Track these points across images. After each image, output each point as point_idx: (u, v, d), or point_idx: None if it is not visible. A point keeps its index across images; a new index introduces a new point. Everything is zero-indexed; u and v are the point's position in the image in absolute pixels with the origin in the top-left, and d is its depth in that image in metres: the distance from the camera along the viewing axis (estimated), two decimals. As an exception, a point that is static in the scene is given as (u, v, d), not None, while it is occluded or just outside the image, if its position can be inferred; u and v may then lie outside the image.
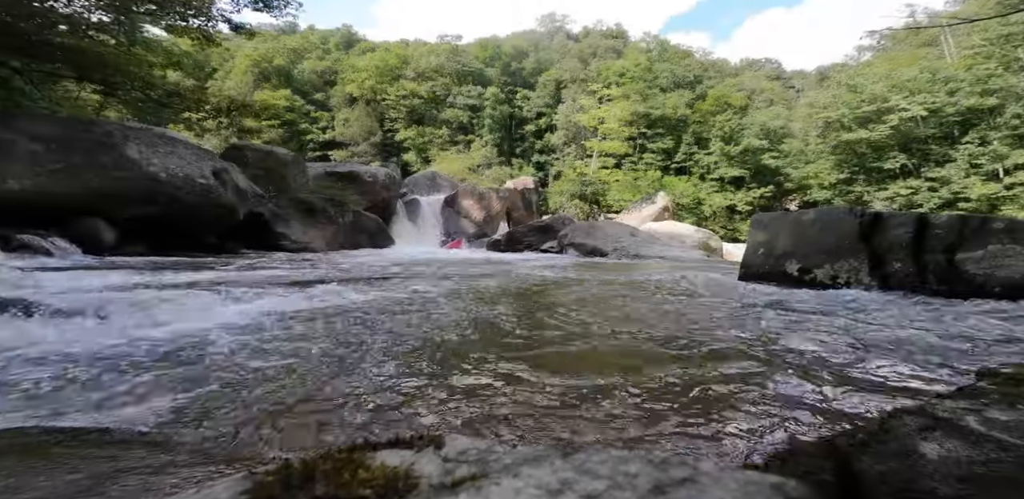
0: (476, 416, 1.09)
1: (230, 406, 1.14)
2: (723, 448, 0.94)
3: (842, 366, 1.50)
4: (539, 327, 2.17)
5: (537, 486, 0.25)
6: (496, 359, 1.55)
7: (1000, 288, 2.99)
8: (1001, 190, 20.70)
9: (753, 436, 0.98)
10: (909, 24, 21.25)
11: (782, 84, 47.55)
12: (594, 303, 3.04)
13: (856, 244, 3.66)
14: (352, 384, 1.30)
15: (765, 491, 0.23)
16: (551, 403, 1.16)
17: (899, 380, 1.36)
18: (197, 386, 1.28)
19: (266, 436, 0.97)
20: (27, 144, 6.26)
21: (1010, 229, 3.16)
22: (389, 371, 1.42)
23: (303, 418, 1.08)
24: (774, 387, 1.30)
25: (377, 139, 39.37)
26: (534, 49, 50.05)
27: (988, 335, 1.98)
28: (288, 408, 1.13)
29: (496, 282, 4.27)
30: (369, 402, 1.16)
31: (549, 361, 1.56)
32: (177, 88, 9.65)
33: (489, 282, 4.25)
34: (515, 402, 1.17)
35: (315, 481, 0.30)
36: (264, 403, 1.16)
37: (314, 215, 11.61)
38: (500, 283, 4.20)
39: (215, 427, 1.01)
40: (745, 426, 1.03)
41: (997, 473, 0.48)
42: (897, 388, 1.28)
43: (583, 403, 1.16)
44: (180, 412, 1.11)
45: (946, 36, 29.33)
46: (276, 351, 1.64)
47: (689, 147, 34.96)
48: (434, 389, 1.26)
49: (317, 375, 1.38)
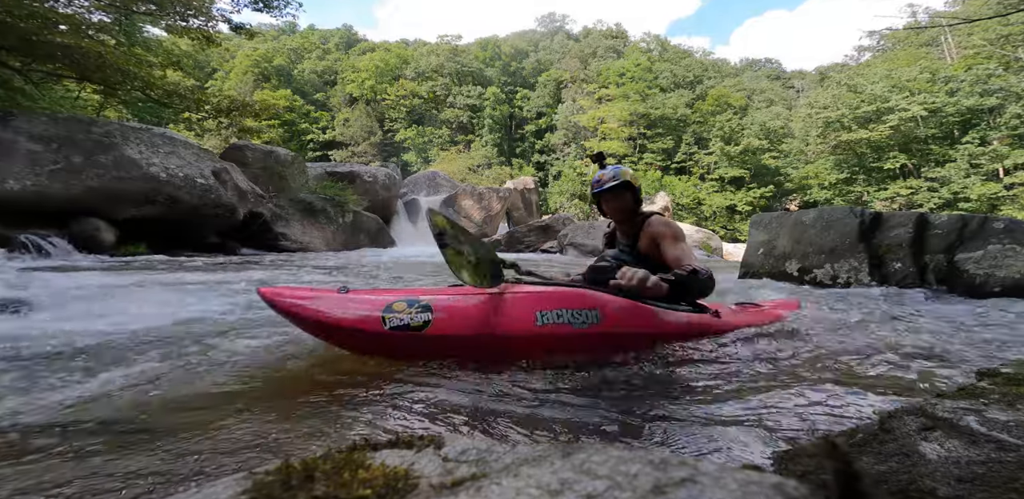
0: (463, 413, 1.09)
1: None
2: (723, 448, 0.94)
3: (847, 363, 1.50)
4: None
5: (537, 486, 0.25)
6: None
7: (1000, 288, 2.99)
8: (1001, 190, 20.71)
9: (752, 435, 0.98)
10: (909, 24, 21.27)
11: (782, 84, 47.60)
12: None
13: (856, 244, 3.66)
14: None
15: (765, 491, 0.23)
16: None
17: (898, 379, 1.36)
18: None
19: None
20: (27, 144, 6.26)
21: (1010, 229, 3.17)
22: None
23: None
24: (763, 381, 1.30)
25: (377, 139, 39.39)
26: (534, 49, 50.11)
27: (988, 335, 1.98)
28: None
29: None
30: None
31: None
32: (177, 88, 9.65)
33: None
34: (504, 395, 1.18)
35: (315, 481, 0.30)
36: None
37: (314, 215, 11.62)
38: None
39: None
40: (744, 425, 1.03)
41: (997, 473, 0.48)
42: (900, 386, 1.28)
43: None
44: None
45: (946, 36, 29.35)
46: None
47: (689, 147, 34.98)
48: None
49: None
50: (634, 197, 1.94)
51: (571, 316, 1.41)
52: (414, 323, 1.34)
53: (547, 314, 1.40)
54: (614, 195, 1.92)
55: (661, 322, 1.58)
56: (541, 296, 1.45)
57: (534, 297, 1.44)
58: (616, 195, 1.92)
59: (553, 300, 1.43)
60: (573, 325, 1.41)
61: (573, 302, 1.44)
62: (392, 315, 1.34)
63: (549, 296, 1.45)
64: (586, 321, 1.43)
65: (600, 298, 1.49)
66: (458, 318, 1.38)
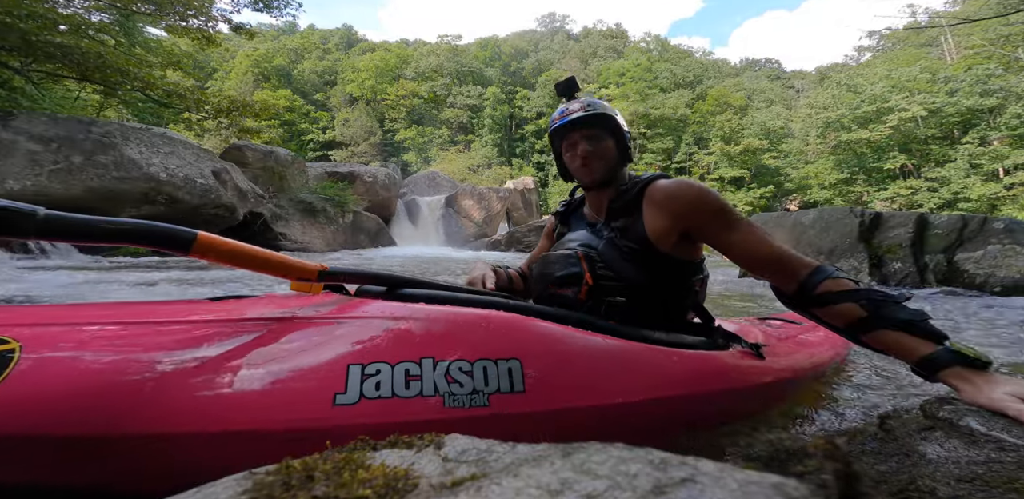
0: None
1: None
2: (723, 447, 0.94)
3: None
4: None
5: (537, 486, 0.25)
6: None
7: (1001, 287, 2.99)
8: (1001, 190, 20.71)
9: (752, 435, 0.98)
10: (909, 24, 21.28)
11: (782, 84, 47.61)
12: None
13: (856, 244, 3.66)
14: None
15: (765, 491, 0.23)
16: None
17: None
18: None
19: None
20: (27, 144, 6.27)
21: (1010, 229, 3.17)
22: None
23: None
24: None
25: (377, 139, 39.40)
26: (534, 49, 50.14)
27: (988, 334, 1.98)
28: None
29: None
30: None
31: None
32: (177, 88, 9.66)
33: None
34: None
35: (315, 481, 0.30)
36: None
37: (314, 215, 11.63)
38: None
39: None
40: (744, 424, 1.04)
41: (997, 473, 0.48)
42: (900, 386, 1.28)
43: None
44: None
45: (946, 36, 29.37)
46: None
47: (689, 147, 35.00)
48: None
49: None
50: (620, 146, 1.08)
51: (444, 379, 0.62)
52: None
53: (376, 376, 0.60)
54: (585, 135, 1.06)
55: (663, 378, 0.79)
56: (372, 332, 0.65)
57: (356, 334, 0.64)
58: (590, 136, 1.06)
59: (404, 341, 0.64)
60: (448, 401, 0.60)
61: (459, 344, 0.66)
62: None
63: (398, 331, 0.65)
64: (485, 388, 0.63)
65: (530, 330, 0.73)
66: (81, 391, 0.51)
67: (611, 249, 0.99)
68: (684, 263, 0.99)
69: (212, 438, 0.52)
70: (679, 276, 1.00)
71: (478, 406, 0.61)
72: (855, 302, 0.80)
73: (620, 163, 1.08)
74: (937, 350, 0.72)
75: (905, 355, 0.76)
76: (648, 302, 0.97)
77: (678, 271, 0.99)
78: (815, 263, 0.88)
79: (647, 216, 0.98)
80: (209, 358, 0.57)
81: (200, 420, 0.53)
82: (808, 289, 0.85)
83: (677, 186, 0.96)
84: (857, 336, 0.83)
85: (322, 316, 0.67)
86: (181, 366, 0.55)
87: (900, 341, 0.76)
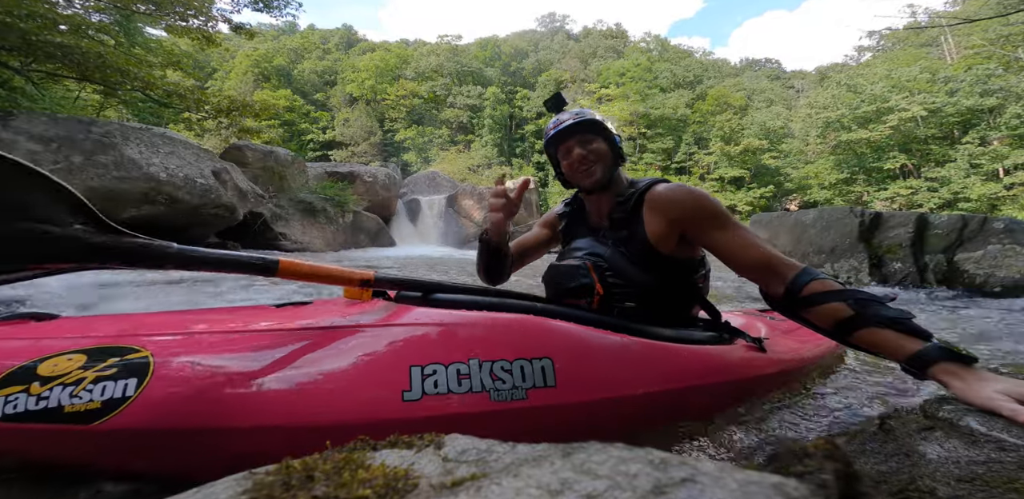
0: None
1: None
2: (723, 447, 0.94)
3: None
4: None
5: (537, 486, 0.25)
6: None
7: (1001, 287, 2.99)
8: (1001, 190, 20.70)
9: (752, 435, 0.98)
10: (909, 24, 21.28)
11: (782, 84, 47.61)
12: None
13: (856, 244, 3.66)
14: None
15: (765, 491, 0.23)
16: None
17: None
18: None
19: None
20: (27, 144, 6.27)
21: (1010, 229, 3.17)
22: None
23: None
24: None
25: (377, 139, 39.40)
26: (534, 49, 50.15)
27: (988, 334, 1.98)
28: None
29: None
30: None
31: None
32: (177, 88, 9.65)
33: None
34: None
35: (315, 481, 0.30)
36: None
37: (314, 215, 11.63)
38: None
39: None
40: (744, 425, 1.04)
41: (997, 473, 0.48)
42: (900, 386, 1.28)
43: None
44: None
45: (946, 36, 29.37)
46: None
47: (689, 147, 35.00)
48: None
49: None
50: (612, 150, 1.14)
51: (489, 377, 0.72)
52: (80, 406, 0.58)
53: (433, 376, 0.70)
54: (579, 140, 1.13)
55: (675, 372, 0.89)
56: (426, 336, 0.75)
57: (413, 338, 0.75)
58: (583, 140, 1.13)
59: (453, 343, 0.75)
60: (493, 395, 0.71)
61: (498, 346, 0.76)
62: (23, 388, 0.59)
63: (446, 335, 0.76)
64: (523, 384, 0.73)
65: (557, 332, 0.82)
66: (204, 390, 0.62)
67: (617, 256, 1.07)
68: (686, 262, 1.07)
69: (302, 430, 0.63)
70: (683, 274, 1.07)
71: (518, 399, 0.72)
72: (842, 301, 0.83)
73: (615, 164, 1.16)
74: (926, 346, 0.73)
75: (894, 352, 0.77)
76: (657, 303, 1.04)
77: (682, 270, 1.07)
78: (801, 265, 0.93)
79: (647, 221, 1.05)
80: (298, 361, 0.69)
81: (293, 415, 0.63)
82: (795, 290, 0.89)
83: (674, 191, 1.03)
84: (845, 336, 0.84)
85: (378, 324, 0.78)
86: (275, 368, 0.67)
87: (888, 338, 0.77)
